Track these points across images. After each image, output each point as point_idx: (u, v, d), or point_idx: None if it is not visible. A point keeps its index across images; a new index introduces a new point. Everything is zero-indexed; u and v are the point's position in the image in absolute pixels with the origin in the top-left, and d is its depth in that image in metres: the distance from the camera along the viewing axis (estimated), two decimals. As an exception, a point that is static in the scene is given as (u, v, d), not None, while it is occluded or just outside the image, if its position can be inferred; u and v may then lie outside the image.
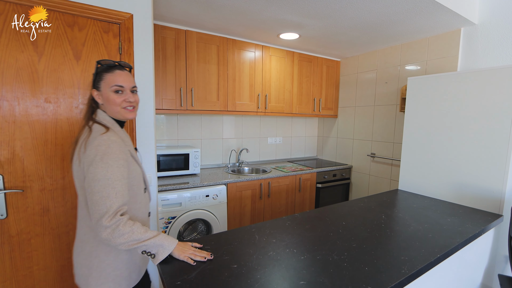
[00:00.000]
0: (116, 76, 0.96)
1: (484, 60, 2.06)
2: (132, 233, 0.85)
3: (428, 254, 1.05)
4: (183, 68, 2.22)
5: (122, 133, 1.00)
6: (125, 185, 0.90)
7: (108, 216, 0.83)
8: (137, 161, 1.02)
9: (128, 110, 0.99)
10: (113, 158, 0.87)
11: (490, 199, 1.58)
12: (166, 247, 0.91)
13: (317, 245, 1.11)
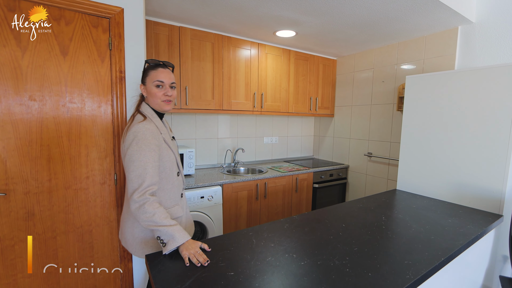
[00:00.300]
0: (158, 73, 1.11)
1: (481, 58, 2.05)
2: (153, 214, 0.95)
3: (432, 258, 1.02)
4: (177, 65, 2.15)
5: (160, 123, 1.14)
6: (156, 167, 1.02)
7: (138, 192, 0.96)
8: (171, 147, 1.15)
9: (165, 102, 1.13)
10: (146, 143, 1.01)
11: (490, 199, 1.56)
12: (176, 240, 0.95)
13: (317, 249, 1.06)
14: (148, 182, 0.98)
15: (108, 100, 1.49)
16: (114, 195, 1.56)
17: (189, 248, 0.95)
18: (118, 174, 1.55)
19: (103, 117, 1.49)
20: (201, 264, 0.91)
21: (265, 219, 2.50)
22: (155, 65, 1.14)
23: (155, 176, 1.02)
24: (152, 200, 0.98)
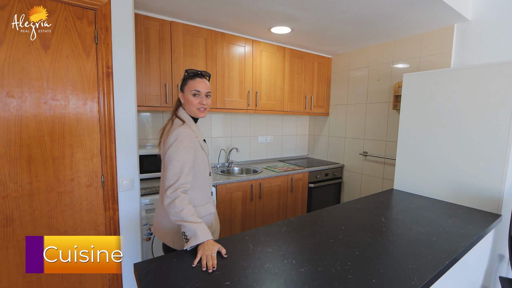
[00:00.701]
0: (196, 82, 1.19)
1: (477, 57, 2.04)
2: (181, 210, 1.02)
3: (436, 261, 0.98)
4: (169, 62, 2.07)
5: (195, 127, 1.23)
6: (191, 168, 1.11)
7: (171, 189, 1.04)
8: (204, 150, 1.24)
9: (200, 110, 1.22)
10: (184, 146, 1.11)
11: (489, 199, 1.54)
12: (198, 238, 0.99)
13: (317, 254, 1.01)
14: (181, 180, 1.07)
15: (94, 97, 1.40)
16: (102, 198, 1.47)
17: (206, 248, 0.96)
18: (106, 175, 1.46)
19: (88, 115, 1.40)
20: (206, 269, 0.89)
21: (260, 220, 2.45)
22: (194, 75, 1.22)
23: (189, 176, 1.11)
24: (183, 197, 1.05)
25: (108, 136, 1.44)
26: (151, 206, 1.79)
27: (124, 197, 1.53)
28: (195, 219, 1.02)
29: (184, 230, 1.02)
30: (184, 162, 1.09)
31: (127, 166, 1.52)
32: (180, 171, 1.07)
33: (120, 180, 1.51)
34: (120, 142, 1.49)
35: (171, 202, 1.03)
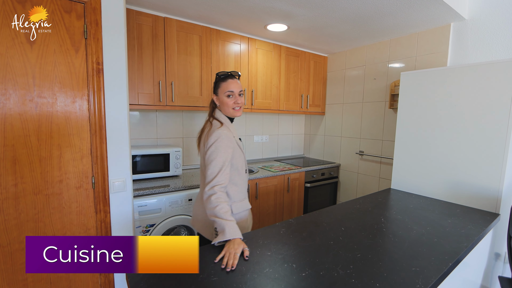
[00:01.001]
0: (228, 84, 1.25)
1: (473, 56, 2.04)
2: (215, 207, 1.08)
3: (439, 263, 0.96)
4: (162, 59, 2.01)
5: (232, 127, 1.29)
6: (228, 167, 1.18)
7: (209, 186, 1.12)
8: (241, 148, 1.31)
9: (236, 110, 1.27)
10: (223, 146, 1.17)
11: (487, 198, 1.54)
12: (225, 235, 1.01)
13: (318, 257, 0.97)
14: (219, 178, 1.13)
15: (84, 94, 1.34)
16: (92, 200, 1.41)
17: (231, 247, 0.98)
18: (96, 176, 1.40)
19: (78, 114, 1.34)
20: (225, 267, 0.89)
21: (256, 221, 2.41)
22: (225, 76, 1.27)
23: (226, 175, 1.17)
24: (219, 194, 1.12)
25: (99, 136, 1.38)
26: (144, 208, 1.73)
27: (116, 199, 1.47)
28: (227, 217, 1.07)
29: (215, 226, 1.09)
30: (223, 162, 1.16)
31: (119, 167, 1.46)
32: (218, 170, 1.14)
33: (112, 181, 1.45)
34: (112, 141, 1.43)
35: (208, 198, 1.12)
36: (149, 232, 1.76)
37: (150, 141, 2.34)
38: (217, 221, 1.06)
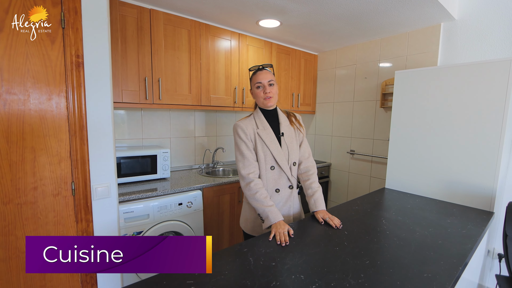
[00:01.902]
0: (257, 76, 1.28)
1: (463, 55, 2.07)
2: (255, 193, 1.19)
3: (449, 267, 0.93)
4: (148, 54, 1.88)
5: (261, 119, 1.31)
6: (248, 154, 1.24)
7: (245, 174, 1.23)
8: (265, 142, 1.27)
9: (266, 99, 1.27)
10: (236, 137, 1.27)
11: (481, 196, 1.55)
12: (270, 219, 1.15)
13: (326, 266, 0.91)
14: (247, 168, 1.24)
15: (62, 91, 1.20)
16: (72, 208, 1.27)
17: (278, 227, 1.12)
18: (77, 182, 1.27)
19: (55, 113, 1.19)
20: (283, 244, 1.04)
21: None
22: (255, 70, 1.32)
23: (251, 163, 1.25)
24: (257, 181, 1.22)
25: (79, 137, 1.25)
26: (130, 214, 1.60)
27: (99, 206, 1.34)
28: (267, 203, 1.18)
29: (258, 212, 1.20)
30: (240, 152, 1.26)
31: (102, 171, 1.33)
32: (240, 160, 1.25)
33: (94, 187, 1.31)
34: (94, 143, 1.29)
35: (247, 185, 1.22)
36: (136, 240, 1.63)
37: (135, 142, 2.20)
38: (259, 208, 1.18)
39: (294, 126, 1.37)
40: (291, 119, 1.39)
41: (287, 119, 1.38)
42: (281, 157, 1.29)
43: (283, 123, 1.35)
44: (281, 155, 1.29)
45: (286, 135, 1.33)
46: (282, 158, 1.29)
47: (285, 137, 1.33)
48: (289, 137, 1.34)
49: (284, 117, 1.37)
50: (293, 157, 1.33)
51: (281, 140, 1.32)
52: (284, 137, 1.33)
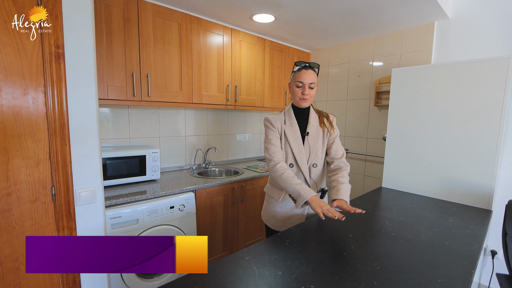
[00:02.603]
0: (300, 74, 1.27)
1: (456, 54, 2.08)
2: (282, 174, 1.21)
3: (461, 270, 0.89)
4: (136, 47, 1.76)
5: (291, 117, 1.34)
6: (274, 142, 1.30)
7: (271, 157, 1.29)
8: (288, 139, 1.31)
9: (302, 100, 1.29)
10: (267, 126, 1.33)
11: (479, 195, 1.55)
12: (302, 196, 1.15)
13: (336, 273, 0.85)
14: (274, 154, 1.30)
15: (39, 85, 1.08)
16: (53, 216, 1.15)
17: (321, 205, 1.12)
18: (58, 186, 1.14)
19: (31, 109, 1.07)
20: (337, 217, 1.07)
21: (243, 225, 2.25)
22: (301, 67, 1.30)
23: (277, 150, 1.31)
24: (282, 163, 1.27)
25: (60, 136, 1.13)
26: (118, 220, 1.48)
27: (83, 212, 1.22)
28: (295, 181, 1.20)
29: (288, 193, 1.21)
30: (267, 139, 1.33)
31: (87, 174, 1.22)
32: (267, 147, 1.32)
33: (78, 191, 1.19)
34: (77, 143, 1.18)
35: (273, 167, 1.26)
36: (124, 247, 1.51)
37: (122, 142, 2.07)
38: (289, 188, 1.19)
39: (324, 128, 1.37)
40: (322, 119, 1.38)
41: (317, 120, 1.38)
42: (301, 156, 1.31)
43: (312, 122, 1.35)
44: (302, 154, 1.31)
45: (311, 136, 1.34)
46: (302, 158, 1.31)
47: (310, 137, 1.34)
48: (314, 137, 1.34)
49: (315, 117, 1.38)
50: (314, 158, 1.34)
51: (305, 139, 1.33)
52: (309, 137, 1.34)
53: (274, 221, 1.38)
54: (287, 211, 1.35)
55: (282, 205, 1.36)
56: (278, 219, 1.37)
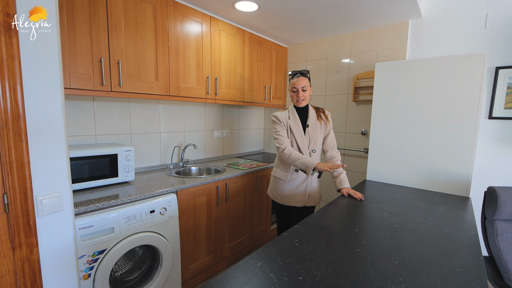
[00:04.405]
0: (294, 81, 1.63)
1: (428, 51, 2.20)
2: (290, 154, 1.54)
3: (472, 258, 0.90)
4: (104, 29, 1.52)
5: (294, 114, 1.69)
6: (285, 134, 1.65)
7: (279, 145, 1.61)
8: (293, 132, 1.65)
9: (298, 101, 1.65)
10: (275, 121, 1.68)
11: (458, 183, 1.64)
12: (308, 166, 1.46)
13: (360, 273, 0.79)
14: (282, 142, 1.61)
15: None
16: (6, 231, 0.91)
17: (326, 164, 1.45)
18: (12, 193, 0.91)
19: (-28, 95, 0.82)
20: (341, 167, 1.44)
21: (227, 227, 2.13)
22: (293, 75, 1.65)
23: (285, 141, 1.62)
24: (289, 148, 1.57)
25: (14, 131, 0.89)
26: (88, 230, 1.26)
27: (47, 224, 0.99)
28: (301, 156, 1.51)
29: (298, 168, 1.56)
30: (276, 132, 1.65)
31: (51, 176, 0.99)
32: (277, 138, 1.64)
33: (39, 198, 0.97)
34: (37, 139, 0.95)
35: (282, 151, 1.57)
36: (97, 261, 1.29)
37: (86, 139, 1.79)
38: (298, 163, 1.50)
39: (321, 121, 1.70)
40: (319, 114, 1.71)
41: (315, 114, 1.70)
42: (303, 144, 1.64)
43: (311, 117, 1.69)
44: (304, 143, 1.64)
45: (311, 127, 1.67)
46: (304, 145, 1.64)
47: (310, 128, 1.67)
48: (313, 129, 1.67)
49: (313, 113, 1.71)
50: (313, 145, 1.67)
51: (306, 130, 1.67)
52: (309, 128, 1.67)
53: (282, 197, 1.71)
54: (292, 188, 1.69)
55: (289, 185, 1.69)
56: (285, 195, 1.70)
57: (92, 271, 1.28)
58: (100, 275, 1.29)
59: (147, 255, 1.62)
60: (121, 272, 1.53)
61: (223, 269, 2.17)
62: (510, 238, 1.30)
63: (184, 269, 1.81)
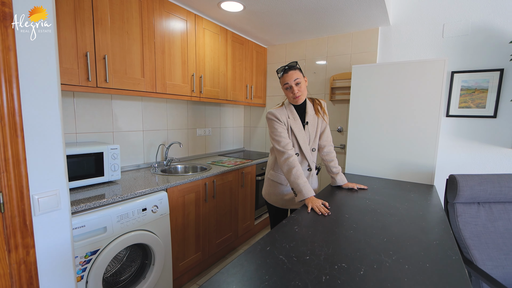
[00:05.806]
0: (284, 77, 1.44)
1: (395, 56, 2.44)
2: (291, 170, 1.38)
3: (443, 233, 1.06)
4: (89, 22, 1.46)
5: (292, 111, 1.51)
6: (286, 135, 1.46)
7: (282, 149, 1.43)
8: (294, 132, 1.50)
9: (296, 98, 1.45)
10: (270, 120, 1.49)
11: (424, 173, 1.86)
12: (303, 194, 1.32)
13: (356, 250, 0.90)
14: (283, 145, 1.43)
15: (-25, 55, 0.78)
16: (2, 231, 0.86)
17: (314, 201, 1.29)
18: (7, 192, 0.86)
19: (-36, 88, 0.77)
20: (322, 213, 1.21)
21: (214, 223, 2.15)
22: (281, 71, 1.46)
23: (286, 142, 1.44)
24: (294, 158, 1.41)
25: (10, 125, 0.85)
26: (81, 230, 1.22)
27: (44, 224, 0.96)
28: (299, 180, 1.35)
29: (293, 187, 1.38)
30: (277, 132, 1.45)
31: (48, 174, 0.95)
32: (277, 139, 1.45)
33: (36, 196, 0.93)
34: (33, 135, 0.91)
35: (285, 160, 1.41)
36: (90, 262, 1.25)
37: (66, 138, 1.70)
38: (294, 183, 1.36)
39: (319, 115, 1.58)
40: (316, 108, 1.58)
41: (313, 109, 1.57)
42: (306, 146, 1.53)
43: (309, 112, 1.55)
44: (306, 144, 1.53)
45: (310, 124, 1.55)
46: (306, 147, 1.54)
47: (309, 126, 1.55)
48: (312, 126, 1.56)
49: (311, 107, 1.57)
50: (313, 143, 1.58)
51: (305, 128, 1.54)
52: (308, 126, 1.55)
53: (283, 202, 1.61)
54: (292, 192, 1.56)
55: (289, 188, 1.59)
56: (287, 200, 1.60)
57: (85, 272, 1.24)
58: (93, 277, 1.26)
59: (136, 255, 1.59)
60: (111, 273, 1.49)
61: (210, 265, 2.19)
62: (467, 218, 1.52)
63: (175, 267, 1.80)
